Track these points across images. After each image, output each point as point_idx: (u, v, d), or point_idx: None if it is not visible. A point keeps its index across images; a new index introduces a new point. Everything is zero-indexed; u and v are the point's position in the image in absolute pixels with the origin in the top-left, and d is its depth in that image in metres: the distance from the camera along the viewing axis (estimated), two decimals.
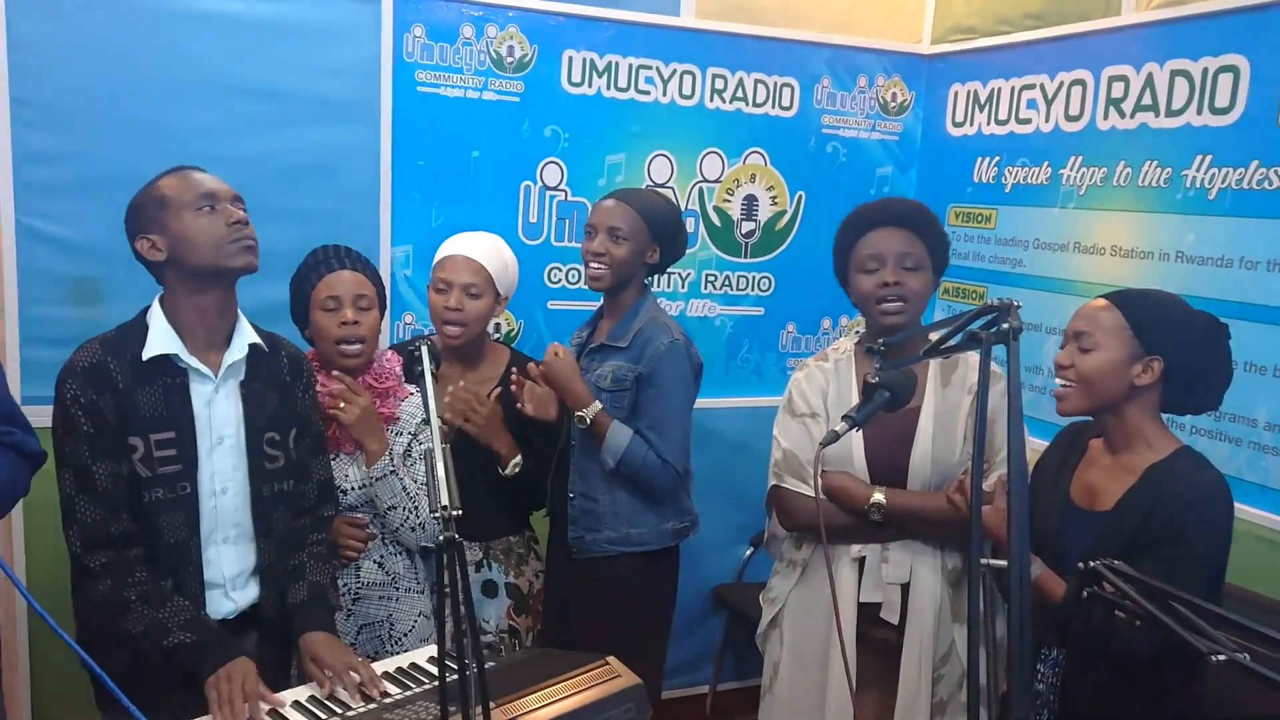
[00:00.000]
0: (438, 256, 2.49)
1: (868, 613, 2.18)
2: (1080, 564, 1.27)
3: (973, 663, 1.14)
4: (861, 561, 2.18)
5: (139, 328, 1.90)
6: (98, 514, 1.81)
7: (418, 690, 1.80)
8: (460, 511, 1.33)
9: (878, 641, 2.18)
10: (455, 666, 1.47)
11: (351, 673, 1.81)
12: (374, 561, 2.25)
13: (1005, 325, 1.14)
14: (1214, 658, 1.05)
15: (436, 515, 1.32)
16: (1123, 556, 1.49)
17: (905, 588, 2.16)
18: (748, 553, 3.60)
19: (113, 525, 1.82)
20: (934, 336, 1.65)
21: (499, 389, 2.49)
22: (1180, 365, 1.85)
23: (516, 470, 2.45)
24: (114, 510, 1.82)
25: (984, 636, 1.17)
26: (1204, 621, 1.09)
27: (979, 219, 3.35)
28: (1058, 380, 1.93)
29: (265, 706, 1.75)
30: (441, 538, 1.29)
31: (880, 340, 1.73)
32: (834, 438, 1.72)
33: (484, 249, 2.46)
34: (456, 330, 2.40)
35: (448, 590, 1.29)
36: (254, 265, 1.91)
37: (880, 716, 2.20)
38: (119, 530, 1.83)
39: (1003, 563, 1.13)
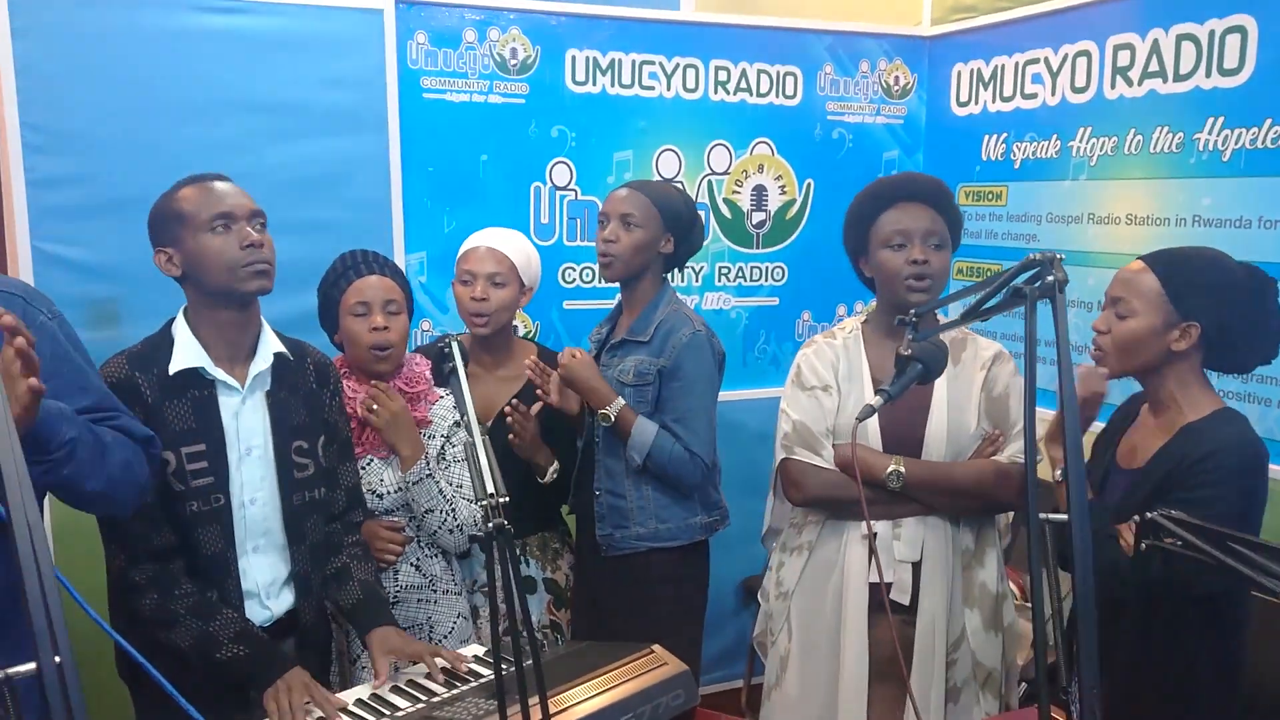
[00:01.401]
0: (460, 251, 2.51)
1: (876, 596, 2.12)
2: (1136, 516, 1.26)
3: (1038, 614, 1.13)
4: (872, 539, 2.13)
5: (164, 341, 1.89)
6: (139, 529, 1.81)
7: (465, 688, 1.79)
8: (507, 498, 1.33)
9: (887, 628, 2.12)
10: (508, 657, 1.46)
11: (436, 658, 1.84)
12: (411, 564, 2.24)
13: (1050, 278, 1.13)
14: None
15: (484, 503, 1.32)
16: (1144, 509, 1.46)
17: (916, 569, 2.12)
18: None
19: (154, 538, 1.82)
20: (952, 310, 1.64)
21: (525, 386, 2.50)
22: (1219, 328, 1.82)
23: (555, 476, 2.51)
24: (154, 523, 1.82)
25: (1046, 594, 1.15)
26: (1267, 559, 1.08)
27: (990, 197, 3.35)
28: (1095, 344, 1.92)
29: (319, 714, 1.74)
30: (491, 525, 1.28)
31: (912, 311, 1.72)
32: (870, 412, 1.71)
33: (506, 240, 2.49)
34: (484, 320, 2.42)
35: (499, 579, 1.28)
36: (267, 288, 1.88)
37: (893, 706, 2.15)
38: (161, 543, 1.83)
39: (1062, 517, 1.12)
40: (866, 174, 3.50)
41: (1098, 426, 2.15)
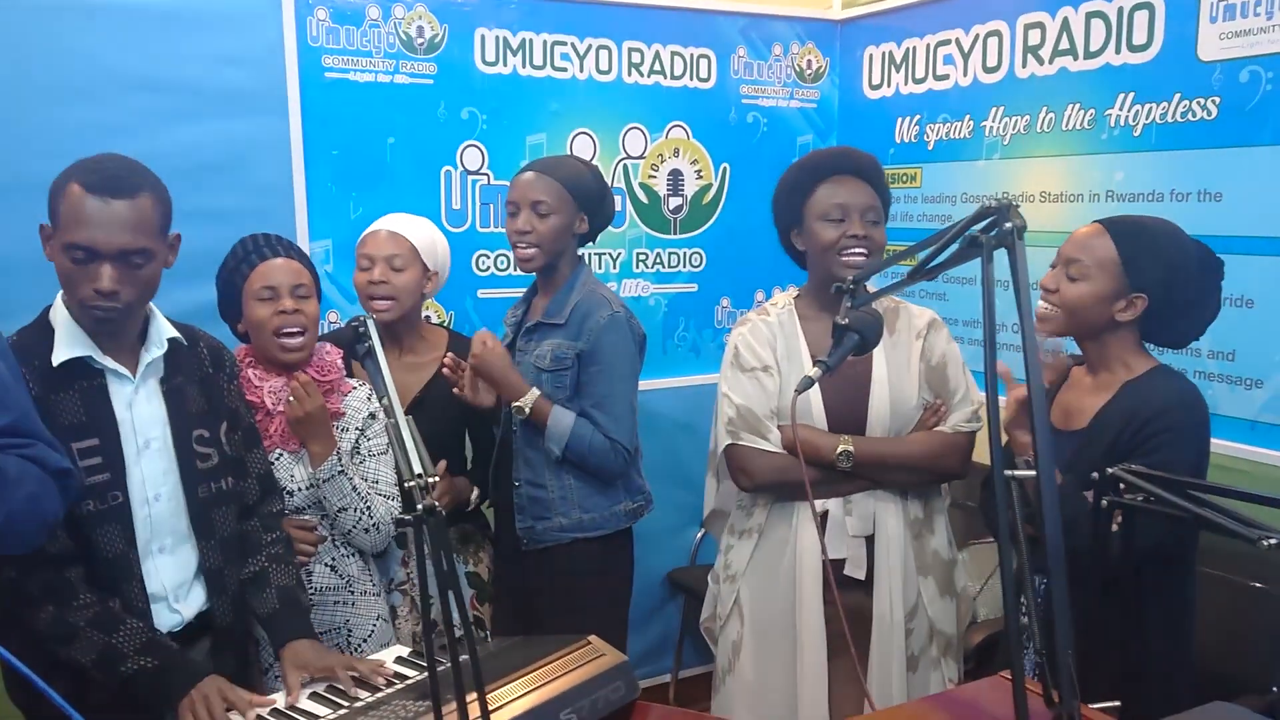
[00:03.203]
0: (360, 238, 2.39)
1: (831, 571, 2.08)
2: (1095, 474, 1.23)
3: (1006, 572, 1.08)
4: (824, 517, 2.10)
5: (43, 330, 1.73)
6: None
7: (389, 691, 1.68)
8: (436, 478, 1.24)
9: (844, 603, 2.11)
10: (441, 650, 1.37)
11: (349, 671, 1.71)
12: (326, 565, 2.11)
13: (1008, 225, 1.09)
14: (1264, 543, 1.02)
15: (411, 484, 1.22)
16: (1096, 470, 1.45)
17: (869, 543, 2.10)
18: (699, 534, 3.53)
19: (49, 545, 1.65)
20: (883, 279, 1.60)
21: (437, 372, 2.41)
22: (1166, 303, 1.83)
23: (477, 500, 2.46)
24: None
25: (1015, 551, 1.11)
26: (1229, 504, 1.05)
27: (904, 179, 3.35)
28: (1040, 302, 1.91)
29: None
30: (420, 507, 1.19)
31: (850, 279, 1.67)
32: (809, 383, 1.65)
33: (406, 223, 2.41)
34: (385, 304, 2.32)
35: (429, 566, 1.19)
36: (110, 330, 1.72)
37: (853, 679, 2.10)
38: (56, 549, 1.67)
39: (1030, 473, 1.07)
40: (781, 158, 3.45)
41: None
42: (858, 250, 2.06)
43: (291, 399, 2.03)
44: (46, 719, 1.68)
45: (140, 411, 1.77)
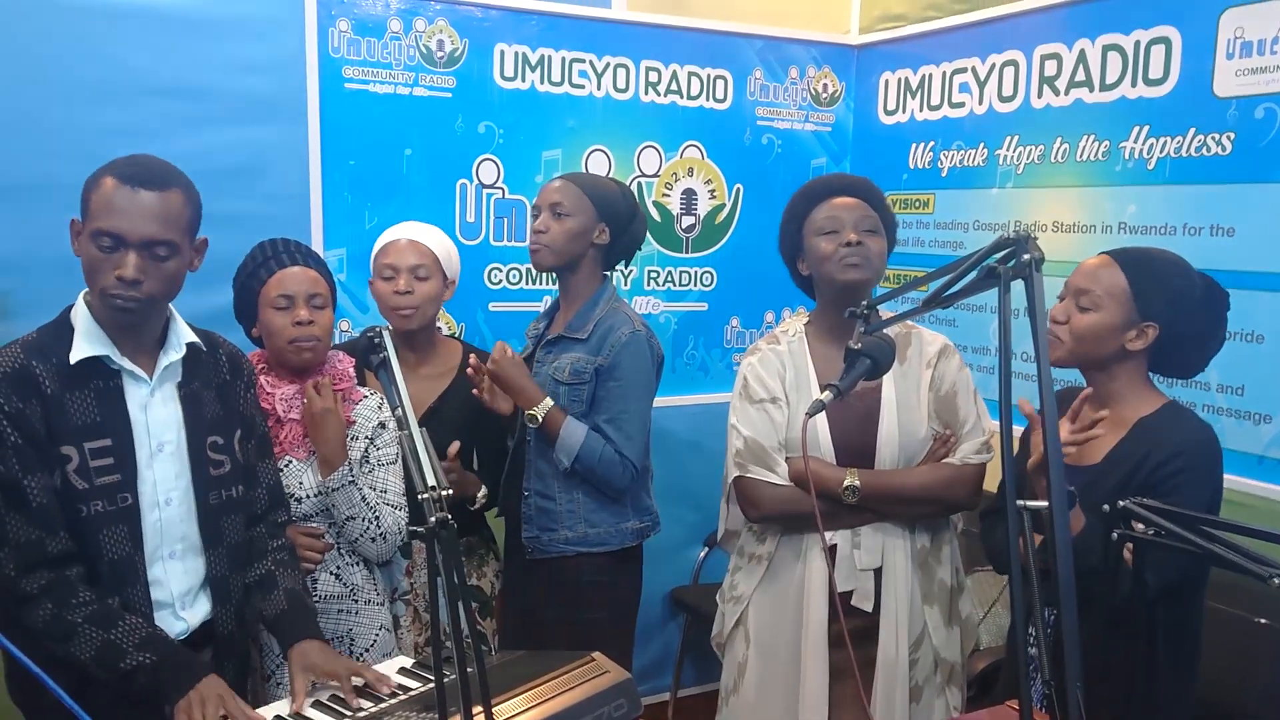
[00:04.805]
0: (378, 246, 2.42)
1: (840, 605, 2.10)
2: (1105, 506, 1.23)
3: (1016, 608, 1.08)
4: (832, 550, 2.10)
5: (63, 329, 1.73)
6: (33, 533, 1.64)
7: (393, 701, 1.68)
8: (450, 490, 1.24)
9: (850, 632, 2.11)
10: (446, 664, 1.37)
11: (355, 677, 1.72)
12: (331, 573, 2.11)
13: (1026, 256, 1.09)
14: (1274, 580, 1.02)
15: (424, 497, 1.23)
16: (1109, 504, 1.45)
17: (877, 574, 2.10)
18: (703, 553, 3.53)
19: (50, 544, 1.66)
20: (901, 305, 1.60)
21: (451, 384, 2.43)
22: (1174, 333, 1.84)
23: (484, 501, 2.45)
24: (50, 528, 1.65)
25: (1029, 578, 1.11)
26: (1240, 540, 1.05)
27: (917, 204, 3.36)
28: (1050, 332, 1.91)
29: None
30: (433, 520, 1.19)
31: (864, 303, 1.68)
32: (819, 407, 1.65)
33: (426, 233, 2.43)
34: (410, 312, 2.34)
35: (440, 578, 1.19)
36: (132, 324, 1.73)
37: (855, 703, 2.11)
38: (57, 549, 1.67)
39: (1041, 504, 1.08)
40: (795, 180, 3.45)
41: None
42: (853, 256, 2.05)
43: (307, 398, 2.04)
44: (46, 717, 1.70)
45: (155, 414, 1.77)
